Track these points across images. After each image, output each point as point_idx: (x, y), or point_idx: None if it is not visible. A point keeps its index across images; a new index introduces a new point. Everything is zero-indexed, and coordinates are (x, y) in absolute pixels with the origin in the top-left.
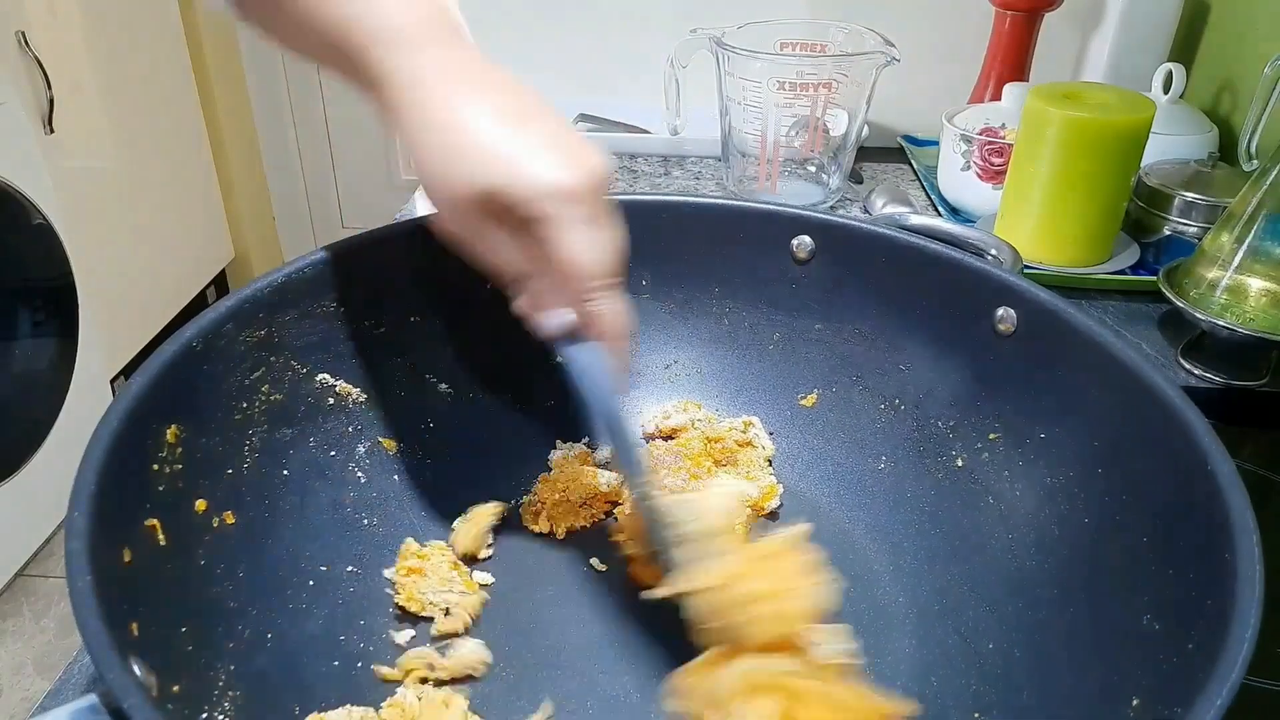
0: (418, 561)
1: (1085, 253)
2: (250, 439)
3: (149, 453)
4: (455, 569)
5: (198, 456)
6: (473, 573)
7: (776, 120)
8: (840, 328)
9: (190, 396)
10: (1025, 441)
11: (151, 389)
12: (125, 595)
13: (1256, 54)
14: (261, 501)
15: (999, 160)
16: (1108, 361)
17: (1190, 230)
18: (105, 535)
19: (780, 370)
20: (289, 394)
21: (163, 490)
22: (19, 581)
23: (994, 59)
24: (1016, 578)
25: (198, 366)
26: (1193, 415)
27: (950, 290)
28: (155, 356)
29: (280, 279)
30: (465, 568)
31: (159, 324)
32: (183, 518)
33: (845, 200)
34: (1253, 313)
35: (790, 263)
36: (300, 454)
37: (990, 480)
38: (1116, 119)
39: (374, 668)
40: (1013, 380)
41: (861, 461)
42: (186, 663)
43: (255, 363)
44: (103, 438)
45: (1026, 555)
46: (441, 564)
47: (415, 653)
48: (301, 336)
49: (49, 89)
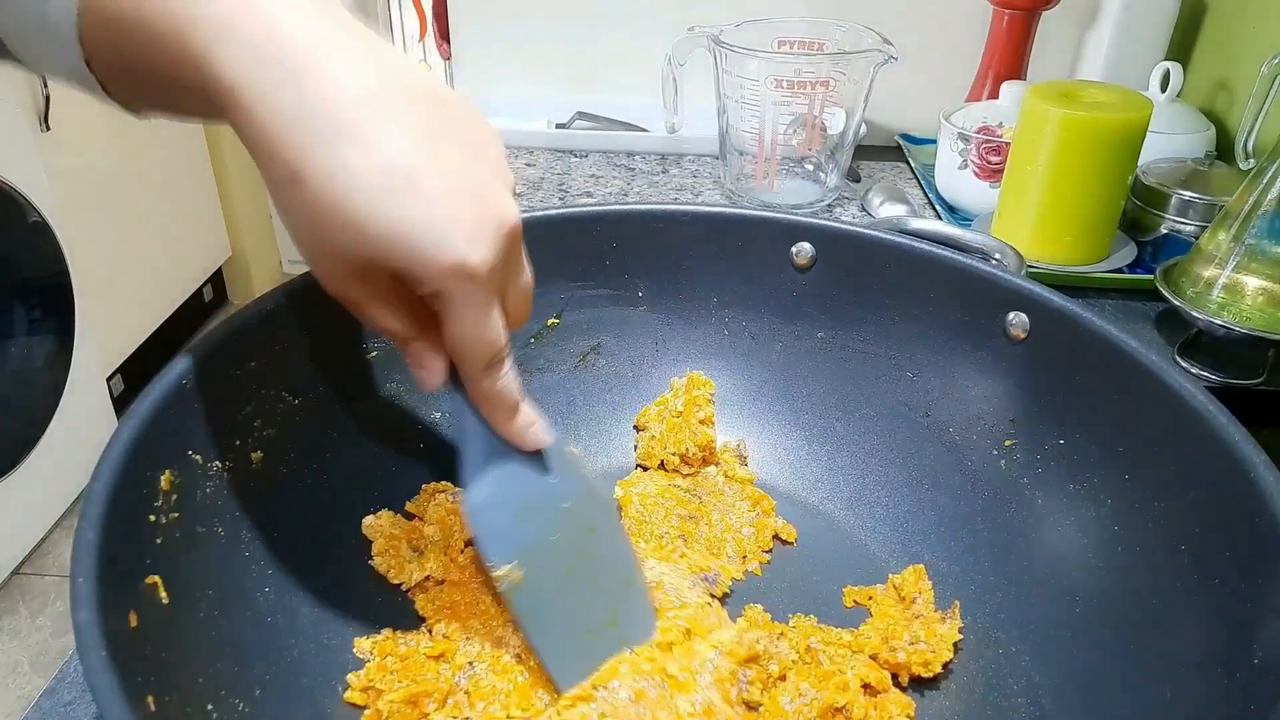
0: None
1: (1082, 251)
2: (245, 478)
3: (146, 502)
4: None
5: (194, 502)
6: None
7: (774, 118)
8: (844, 336)
9: (182, 437)
10: (1044, 448)
11: (144, 432)
12: (138, 666)
13: (1253, 53)
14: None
15: (996, 159)
16: (1127, 365)
17: (1187, 229)
18: (112, 600)
19: (783, 381)
20: (280, 427)
21: (161, 543)
22: (15, 580)
23: (991, 57)
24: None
25: (188, 404)
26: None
27: (958, 296)
28: (143, 398)
29: (271, 304)
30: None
31: (155, 322)
32: (182, 571)
33: (843, 199)
34: (1249, 311)
35: (791, 270)
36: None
37: (1008, 488)
38: (1114, 118)
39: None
40: (1026, 386)
41: (872, 473)
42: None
43: (247, 396)
44: (100, 492)
45: (1050, 564)
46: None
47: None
48: (294, 365)
49: (45, 86)
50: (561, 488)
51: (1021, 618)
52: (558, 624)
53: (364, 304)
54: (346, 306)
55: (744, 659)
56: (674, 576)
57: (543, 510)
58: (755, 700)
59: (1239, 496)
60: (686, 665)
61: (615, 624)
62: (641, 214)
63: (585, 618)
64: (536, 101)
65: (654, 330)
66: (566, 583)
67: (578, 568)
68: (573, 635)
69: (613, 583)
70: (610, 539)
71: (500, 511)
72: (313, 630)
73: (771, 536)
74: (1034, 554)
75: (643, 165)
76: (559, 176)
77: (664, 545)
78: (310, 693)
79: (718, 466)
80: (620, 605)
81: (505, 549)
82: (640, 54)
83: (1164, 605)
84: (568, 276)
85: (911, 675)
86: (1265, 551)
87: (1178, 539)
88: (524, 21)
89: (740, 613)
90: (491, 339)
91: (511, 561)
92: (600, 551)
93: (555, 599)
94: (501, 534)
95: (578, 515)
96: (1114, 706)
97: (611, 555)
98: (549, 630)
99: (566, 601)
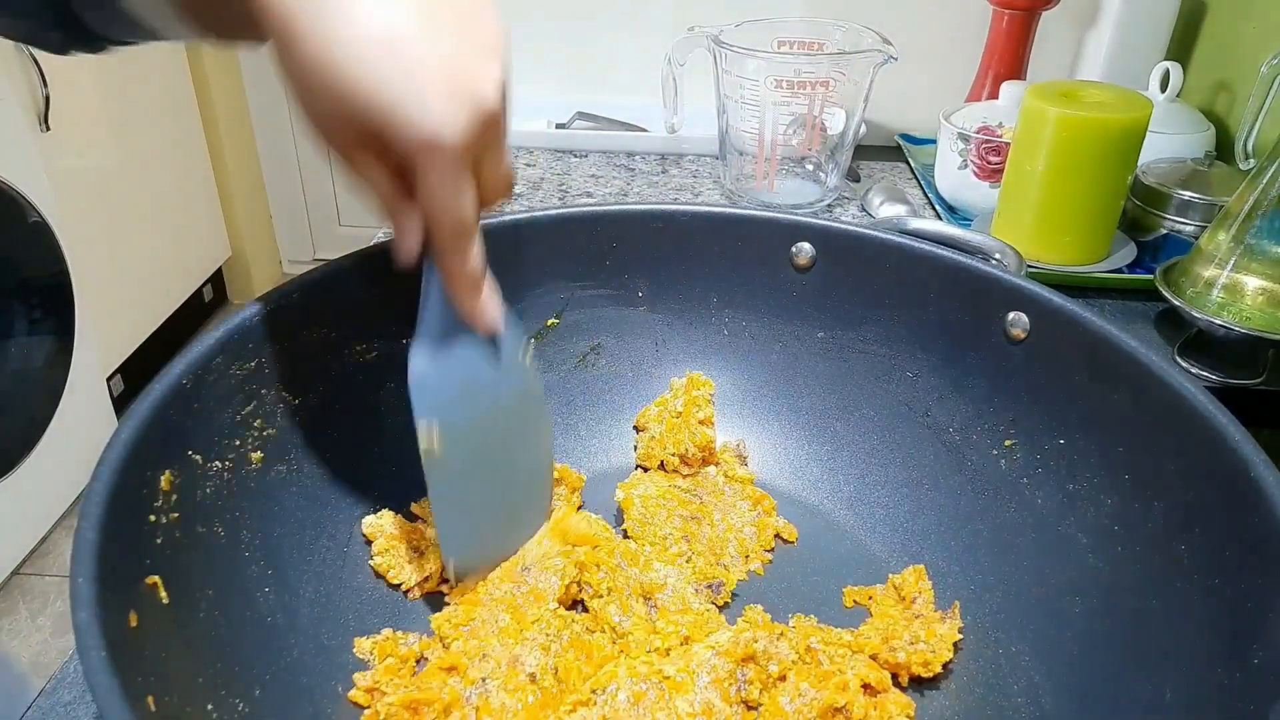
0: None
1: (1082, 251)
2: (245, 478)
3: (146, 503)
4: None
5: (194, 502)
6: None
7: (774, 118)
8: (844, 336)
9: (182, 437)
10: (1044, 448)
11: (144, 432)
12: (138, 666)
13: (1253, 53)
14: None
15: (996, 159)
16: (1127, 365)
17: (1187, 229)
18: (112, 600)
19: (783, 381)
20: (280, 427)
21: (160, 543)
22: (15, 580)
23: (991, 57)
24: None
25: (188, 404)
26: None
27: (958, 295)
28: (143, 398)
29: (272, 304)
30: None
31: (155, 322)
32: (182, 571)
33: (843, 199)
34: (1249, 311)
35: (791, 270)
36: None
37: (1008, 488)
38: (1113, 118)
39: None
40: (1026, 386)
41: (872, 473)
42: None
43: (246, 396)
44: (100, 492)
45: (1050, 564)
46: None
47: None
48: (294, 365)
49: (45, 86)
50: (502, 381)
51: (1021, 618)
52: (458, 501)
53: (354, 157)
54: (340, 158)
55: (741, 659)
56: (678, 582)
57: (477, 395)
58: (755, 700)
59: (1239, 496)
60: (684, 666)
61: (516, 523)
62: (641, 214)
63: (484, 506)
64: (536, 101)
65: (654, 330)
66: (477, 468)
67: (494, 459)
68: (468, 515)
69: (516, 484)
70: (532, 446)
71: (439, 380)
72: (313, 630)
73: (773, 536)
74: (1034, 554)
75: (642, 165)
76: (559, 176)
77: (668, 549)
78: (310, 693)
79: (717, 467)
80: (521, 502)
81: (428, 411)
82: (640, 54)
83: (1164, 605)
84: (568, 276)
85: (911, 675)
86: (1265, 551)
87: (1178, 539)
88: (524, 21)
89: (740, 613)
90: (459, 213)
91: (433, 423)
92: (517, 454)
93: (462, 478)
94: (432, 398)
95: (509, 412)
96: (1114, 706)
97: (527, 460)
98: (449, 504)
99: (472, 484)
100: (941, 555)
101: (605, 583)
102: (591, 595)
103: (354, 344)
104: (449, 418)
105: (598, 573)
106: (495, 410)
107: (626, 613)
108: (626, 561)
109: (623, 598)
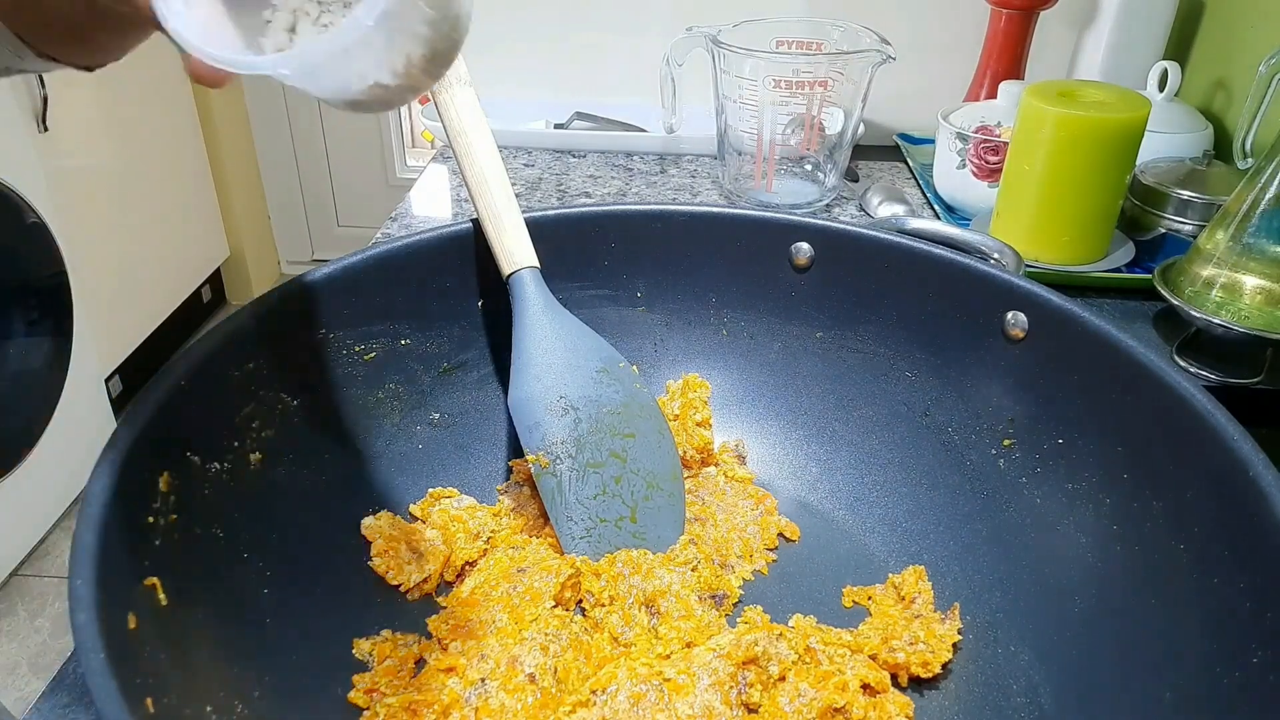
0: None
1: (1081, 251)
2: (243, 479)
3: (145, 504)
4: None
5: (192, 503)
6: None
7: (772, 118)
8: (843, 335)
9: (180, 438)
10: (1043, 448)
11: (142, 433)
12: (137, 667)
13: (1251, 52)
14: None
15: (994, 158)
16: (1126, 364)
17: (1185, 228)
18: (111, 601)
19: (782, 381)
20: (279, 428)
21: (159, 544)
22: (14, 581)
23: (989, 57)
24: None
25: (186, 405)
26: (1224, 418)
27: (956, 295)
28: (141, 399)
29: (270, 305)
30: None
31: (154, 323)
32: (181, 572)
33: (841, 199)
34: (1248, 310)
35: (789, 270)
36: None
37: (1007, 488)
38: (1112, 117)
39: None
40: (1026, 385)
41: (871, 473)
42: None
43: (245, 397)
44: (98, 493)
45: (1050, 564)
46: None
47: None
48: (293, 366)
49: (42, 87)
50: (608, 393)
51: (1021, 618)
52: (573, 507)
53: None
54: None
55: (742, 661)
56: (683, 590)
57: (581, 410)
58: (755, 702)
59: (1238, 496)
60: (685, 669)
61: (635, 520)
62: (640, 214)
63: (602, 508)
64: (534, 102)
65: (653, 330)
66: (590, 475)
67: (606, 465)
68: (586, 518)
69: (639, 485)
70: (650, 446)
71: (535, 405)
72: (312, 630)
73: (776, 535)
74: (1033, 554)
75: (641, 165)
76: (557, 177)
77: (675, 555)
78: (309, 694)
79: (717, 467)
80: (643, 506)
81: (534, 440)
82: (638, 54)
83: (1164, 605)
84: (566, 277)
85: (911, 675)
86: (1264, 551)
87: (1177, 539)
88: (522, 21)
89: (740, 614)
90: None
91: (538, 452)
92: (634, 455)
93: (576, 485)
94: (533, 427)
95: (618, 420)
96: (1113, 706)
97: (646, 461)
98: (564, 508)
99: (585, 490)
100: (941, 555)
101: (606, 590)
102: (593, 604)
103: (353, 344)
104: (551, 441)
105: (598, 581)
106: (600, 419)
107: (629, 623)
108: (629, 569)
109: (624, 607)
